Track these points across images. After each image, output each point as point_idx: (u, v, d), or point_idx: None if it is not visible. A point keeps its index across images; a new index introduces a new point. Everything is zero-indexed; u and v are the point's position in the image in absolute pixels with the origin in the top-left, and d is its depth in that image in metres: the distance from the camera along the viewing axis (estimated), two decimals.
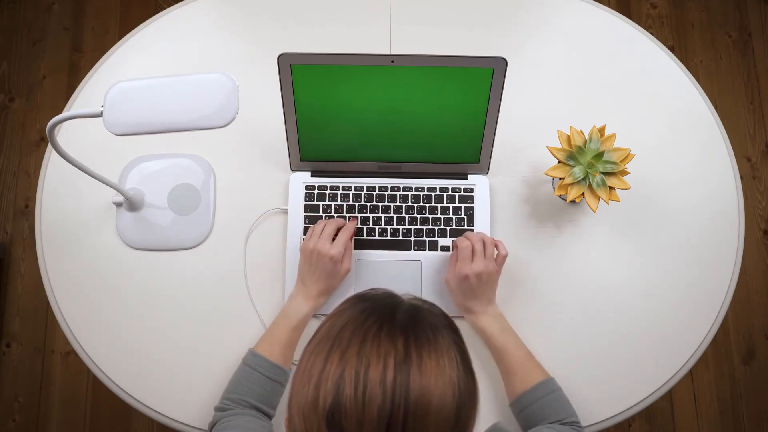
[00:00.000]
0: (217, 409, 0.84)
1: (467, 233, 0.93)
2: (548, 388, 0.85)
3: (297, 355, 0.91)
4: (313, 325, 0.94)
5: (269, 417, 0.85)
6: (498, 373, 0.91)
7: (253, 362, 0.86)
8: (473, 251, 0.90)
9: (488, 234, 0.98)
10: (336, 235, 0.93)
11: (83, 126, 1.04)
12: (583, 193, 0.91)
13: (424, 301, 0.65)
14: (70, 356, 1.67)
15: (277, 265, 0.98)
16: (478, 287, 0.89)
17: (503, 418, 0.91)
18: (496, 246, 0.92)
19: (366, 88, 0.87)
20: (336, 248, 0.90)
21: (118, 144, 1.02)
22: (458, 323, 0.65)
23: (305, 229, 0.98)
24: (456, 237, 0.98)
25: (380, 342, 0.57)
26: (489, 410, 0.92)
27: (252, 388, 0.84)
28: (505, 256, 0.92)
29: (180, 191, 1.01)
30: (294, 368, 0.63)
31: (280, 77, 0.86)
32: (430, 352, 0.57)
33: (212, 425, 0.82)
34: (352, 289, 0.96)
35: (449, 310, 0.76)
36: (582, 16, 1.13)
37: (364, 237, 0.98)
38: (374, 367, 0.55)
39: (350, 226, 0.93)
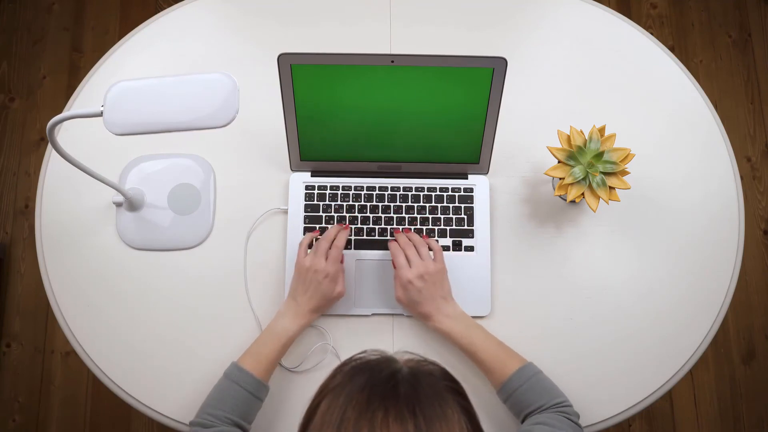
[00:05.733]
0: (197, 424, 0.81)
1: (393, 244, 0.93)
2: (525, 376, 0.85)
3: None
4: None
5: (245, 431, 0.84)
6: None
7: (238, 378, 0.84)
8: (407, 258, 0.90)
9: (488, 234, 0.98)
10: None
11: (83, 126, 1.04)
12: (583, 193, 0.91)
13: (420, 360, 0.62)
14: (70, 356, 1.67)
15: (277, 265, 0.98)
16: (425, 288, 0.89)
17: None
18: (429, 244, 0.93)
19: (366, 88, 0.87)
20: (331, 265, 0.89)
21: (118, 144, 1.02)
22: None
23: (305, 229, 0.98)
24: (457, 237, 0.98)
25: (389, 430, 0.54)
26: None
27: (236, 404, 0.82)
28: (440, 250, 0.93)
29: (180, 191, 1.01)
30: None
31: (280, 77, 0.86)
32: (442, 430, 0.55)
33: None
34: (353, 292, 0.96)
35: None
36: (582, 16, 1.13)
37: (365, 237, 0.98)
38: None
39: (339, 242, 0.92)
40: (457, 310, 0.91)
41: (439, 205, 0.99)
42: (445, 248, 0.98)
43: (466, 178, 1.01)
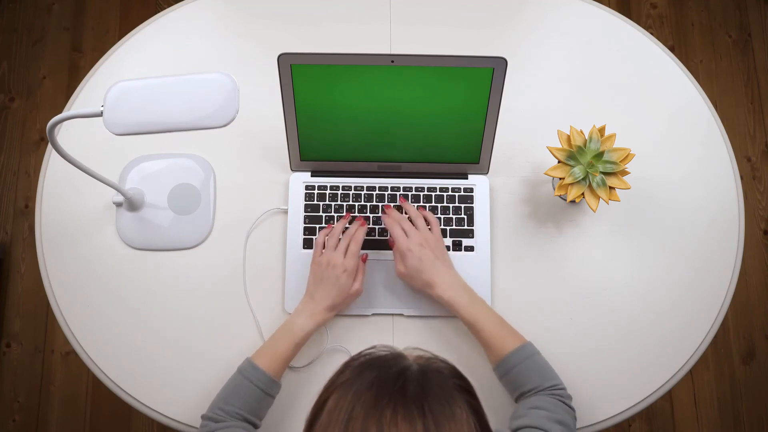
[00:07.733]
0: (208, 418, 0.82)
1: (385, 217, 0.93)
2: (522, 356, 0.85)
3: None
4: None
5: (256, 427, 0.84)
6: None
7: (252, 375, 0.84)
8: (404, 230, 0.91)
9: (488, 234, 0.98)
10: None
11: (83, 126, 1.04)
12: (583, 193, 0.91)
13: (430, 358, 0.62)
14: (70, 356, 1.67)
15: (276, 265, 0.98)
16: (425, 256, 0.89)
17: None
18: (425, 216, 0.94)
19: (366, 88, 0.87)
20: (350, 260, 0.89)
21: (118, 144, 1.02)
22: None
23: (305, 229, 0.98)
24: (457, 237, 0.98)
25: (398, 429, 0.53)
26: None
27: (247, 400, 0.83)
28: (437, 223, 0.94)
29: (180, 191, 1.01)
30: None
31: (280, 77, 0.86)
32: (450, 429, 0.54)
33: None
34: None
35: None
36: (582, 16, 1.13)
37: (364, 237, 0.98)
38: None
39: (359, 236, 0.91)
40: (461, 281, 0.91)
41: (439, 205, 0.99)
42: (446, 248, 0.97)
43: (466, 178, 1.01)
